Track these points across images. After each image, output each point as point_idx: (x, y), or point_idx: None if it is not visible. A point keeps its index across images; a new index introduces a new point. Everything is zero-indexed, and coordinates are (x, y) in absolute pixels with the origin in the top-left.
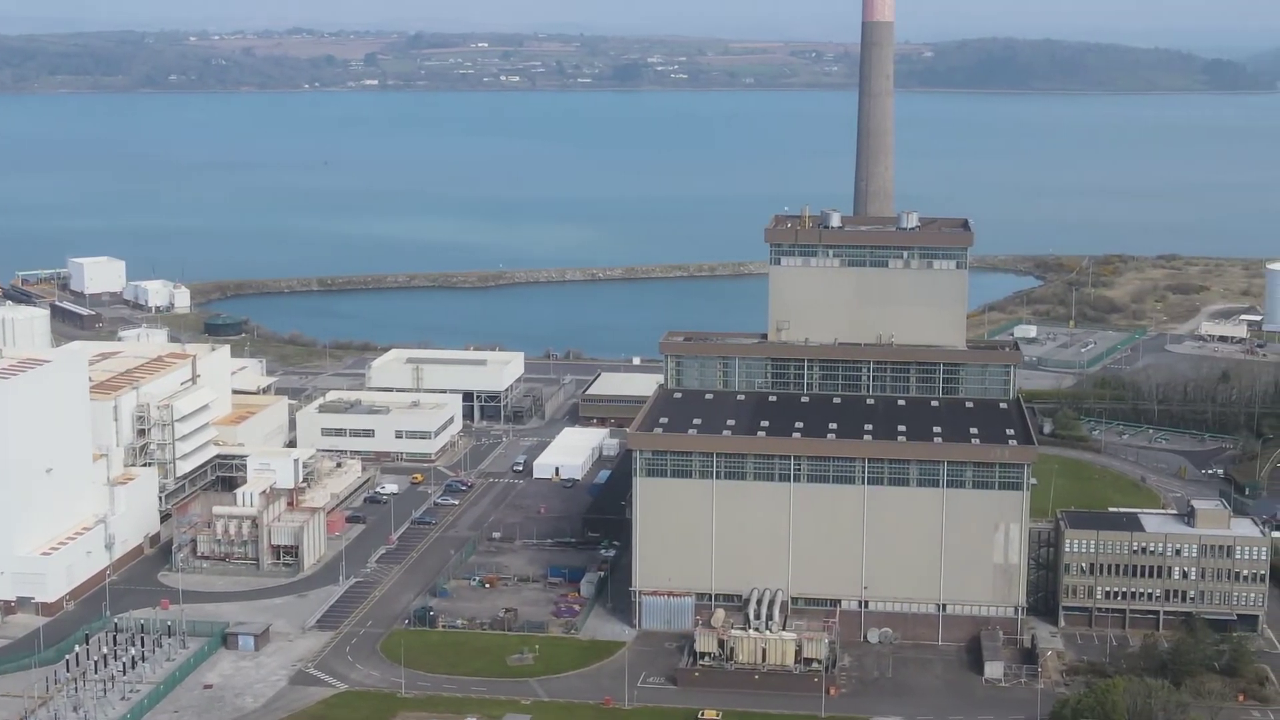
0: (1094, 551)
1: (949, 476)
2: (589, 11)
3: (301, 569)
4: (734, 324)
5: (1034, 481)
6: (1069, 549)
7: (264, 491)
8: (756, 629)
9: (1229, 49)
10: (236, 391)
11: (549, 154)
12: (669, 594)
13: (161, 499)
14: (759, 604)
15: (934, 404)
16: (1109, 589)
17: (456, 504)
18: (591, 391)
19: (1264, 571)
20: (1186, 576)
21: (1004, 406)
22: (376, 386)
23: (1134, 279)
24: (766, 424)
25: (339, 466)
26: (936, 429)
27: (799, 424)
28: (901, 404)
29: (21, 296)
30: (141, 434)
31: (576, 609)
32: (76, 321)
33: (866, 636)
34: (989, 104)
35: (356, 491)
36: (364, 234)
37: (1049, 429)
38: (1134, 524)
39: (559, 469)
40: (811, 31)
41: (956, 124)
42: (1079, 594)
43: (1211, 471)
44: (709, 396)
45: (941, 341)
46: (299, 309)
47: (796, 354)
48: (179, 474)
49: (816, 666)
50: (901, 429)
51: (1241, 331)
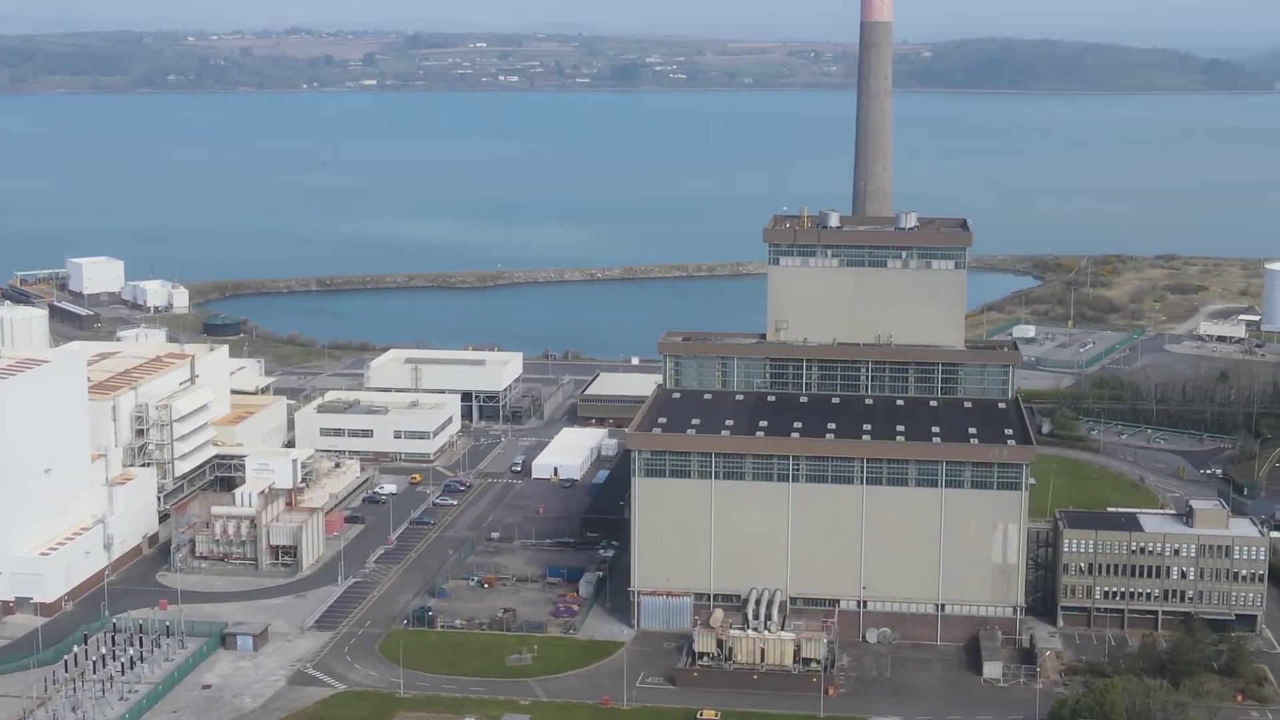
0: (1092, 551)
1: (947, 476)
2: (587, 11)
3: (300, 569)
4: (732, 324)
5: (1032, 481)
6: (1067, 549)
7: (263, 492)
8: (755, 629)
9: (1227, 49)
10: (235, 392)
11: (547, 154)
12: (668, 594)
13: (160, 499)
14: (758, 604)
15: (932, 404)
16: (1108, 589)
17: (455, 504)
18: (590, 392)
19: (1262, 571)
20: (1185, 576)
21: (1002, 406)
22: (375, 387)
23: (1132, 279)
24: (765, 424)
25: (337, 466)
26: (935, 429)
27: (798, 424)
28: (900, 404)
29: (20, 297)
30: (140, 434)
31: (575, 609)
32: (75, 321)
33: (865, 636)
34: (987, 104)
35: (355, 492)
36: (362, 234)
37: (1047, 429)
38: (1133, 524)
39: (557, 469)
40: (810, 31)
41: (955, 124)
42: (1077, 594)
43: (1210, 471)
44: (707, 396)
45: (940, 341)
46: (297, 309)
47: (795, 354)
48: (177, 474)
49: (815, 666)
50: (900, 429)
51: (1240, 331)
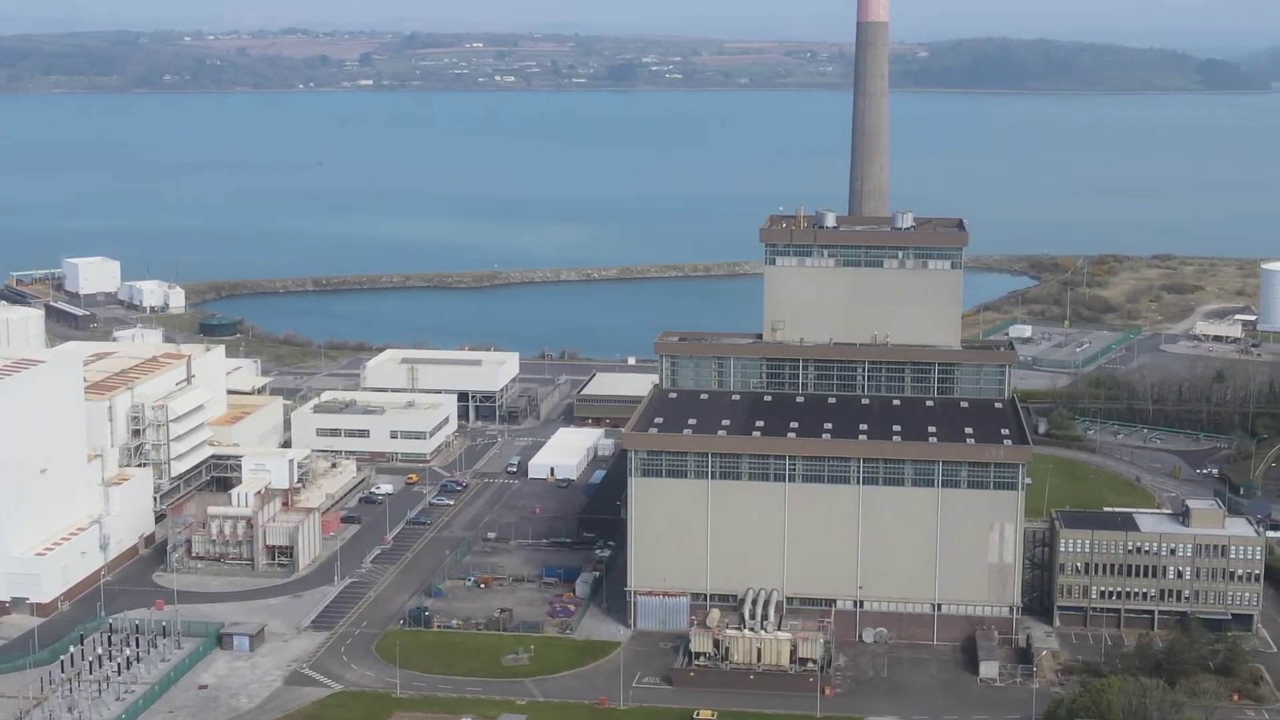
0: (1089, 551)
1: (944, 476)
2: (583, 12)
3: (296, 569)
4: (729, 324)
5: (1029, 481)
6: (1064, 549)
7: (259, 492)
8: (752, 629)
9: (1223, 49)
10: (231, 392)
11: (544, 154)
12: (664, 594)
13: (156, 499)
14: (754, 604)
15: (929, 404)
16: (1104, 589)
17: (451, 504)
18: (586, 391)
19: (1258, 571)
20: (1181, 576)
21: (999, 406)
22: (371, 387)
23: (1129, 279)
24: (761, 424)
25: (334, 467)
26: (931, 429)
27: (794, 424)
28: (897, 404)
29: (16, 297)
30: (136, 434)
31: (571, 609)
32: (71, 322)
33: (862, 636)
34: (984, 104)
35: (351, 492)
36: (359, 234)
37: (1044, 429)
38: (1129, 524)
39: (554, 469)
40: (806, 32)
41: (951, 124)
42: (1074, 594)
43: (1206, 471)
44: (704, 396)
45: (937, 341)
46: (294, 309)
47: (791, 354)
48: (174, 474)
49: (812, 666)
50: (897, 429)
51: (1236, 331)
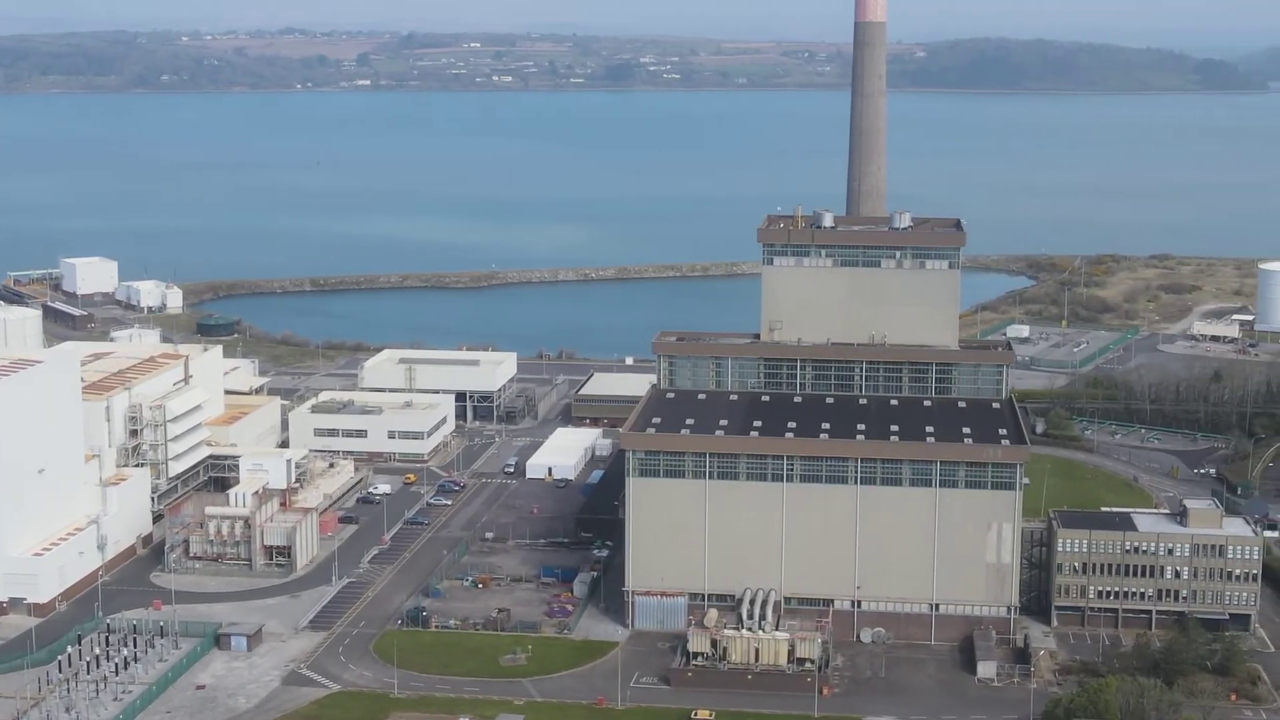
0: (1086, 551)
1: (942, 476)
2: (581, 12)
3: (294, 569)
4: (727, 324)
5: (1027, 481)
6: (1062, 548)
7: (256, 492)
8: (749, 629)
9: (1221, 49)
10: (229, 392)
11: (542, 154)
12: (662, 594)
13: (154, 499)
14: (752, 604)
15: (927, 404)
16: (1102, 588)
17: (449, 504)
18: (584, 391)
19: (1256, 571)
20: (1179, 576)
21: (996, 406)
22: (369, 387)
23: (1126, 279)
24: (759, 424)
25: (331, 467)
26: (929, 429)
27: (792, 424)
28: (894, 404)
29: (13, 297)
30: (134, 434)
31: (569, 609)
32: (69, 322)
33: (859, 636)
34: (981, 104)
35: (349, 492)
36: (356, 234)
37: (1041, 429)
38: (1126, 524)
39: (552, 469)
40: (804, 32)
41: (949, 124)
42: (1072, 593)
43: (1204, 471)
44: (702, 396)
45: (934, 341)
46: (291, 309)
47: (789, 354)
48: (171, 474)
49: (809, 666)
50: (894, 429)
51: (1234, 331)
